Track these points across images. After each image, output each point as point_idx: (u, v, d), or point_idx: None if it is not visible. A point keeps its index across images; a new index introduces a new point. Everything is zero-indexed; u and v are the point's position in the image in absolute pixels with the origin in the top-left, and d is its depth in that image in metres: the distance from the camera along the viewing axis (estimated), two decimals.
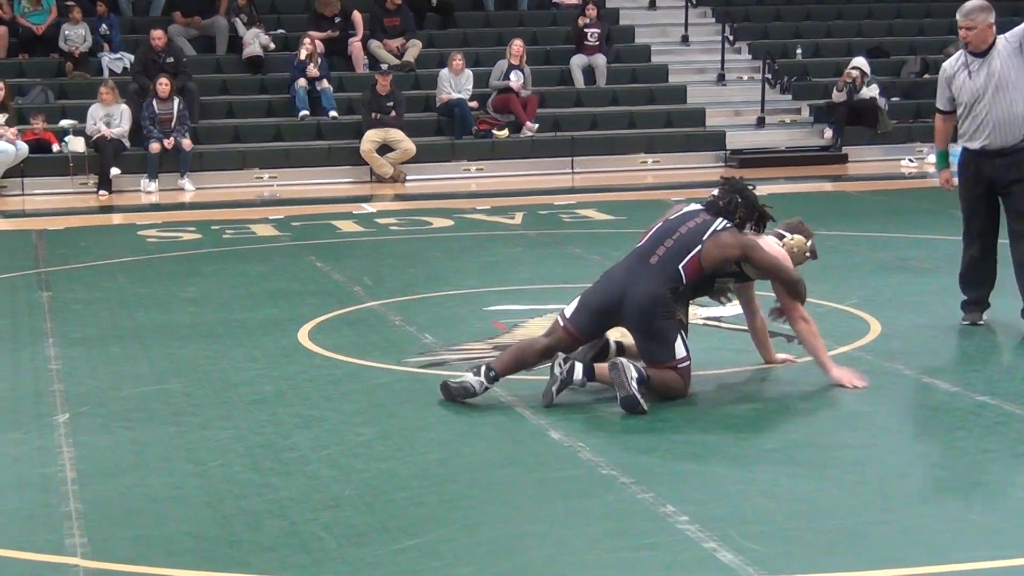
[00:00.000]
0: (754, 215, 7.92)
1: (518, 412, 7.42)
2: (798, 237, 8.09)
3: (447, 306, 10.45)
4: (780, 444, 6.89)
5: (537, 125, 20.49)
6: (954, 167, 9.52)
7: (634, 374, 7.38)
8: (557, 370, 7.49)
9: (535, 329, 9.44)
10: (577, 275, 11.61)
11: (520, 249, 13.29)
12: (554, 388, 7.48)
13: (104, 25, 21.02)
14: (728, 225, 7.79)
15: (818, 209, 16.15)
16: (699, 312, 9.80)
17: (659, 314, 7.60)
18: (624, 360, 7.50)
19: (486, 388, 7.63)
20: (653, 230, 7.87)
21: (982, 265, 9.33)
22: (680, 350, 7.59)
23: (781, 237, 8.09)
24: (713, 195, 8.00)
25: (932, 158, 20.93)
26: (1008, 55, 9.08)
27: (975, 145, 9.30)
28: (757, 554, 5.35)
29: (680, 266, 7.65)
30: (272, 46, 21.39)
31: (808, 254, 8.12)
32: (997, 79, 9.07)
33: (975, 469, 6.46)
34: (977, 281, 9.36)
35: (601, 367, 7.61)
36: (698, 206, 7.99)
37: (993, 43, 9.14)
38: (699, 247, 7.68)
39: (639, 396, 7.32)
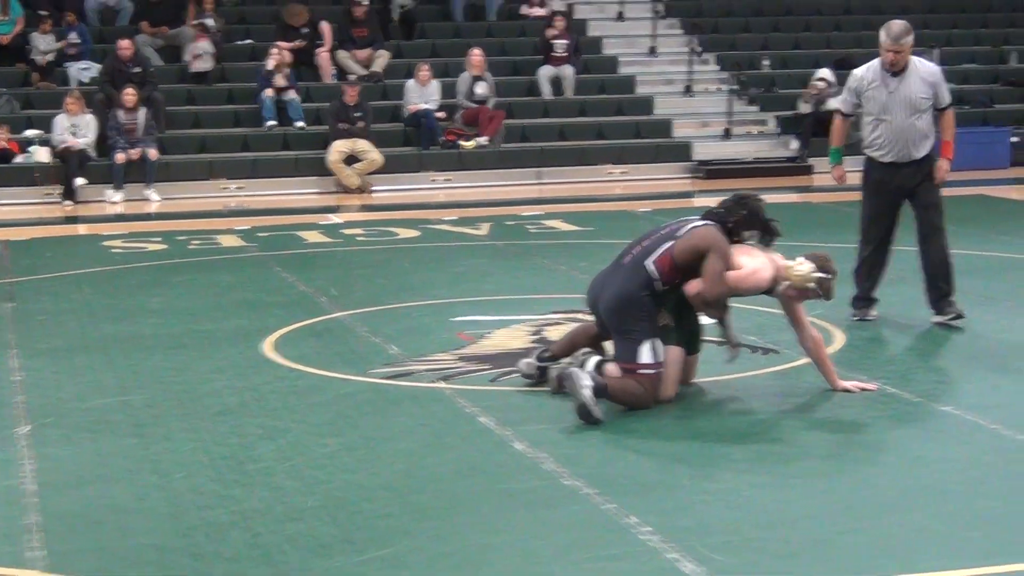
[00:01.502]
0: (755, 225, 7.85)
1: (482, 423, 7.41)
2: (807, 264, 7.75)
3: (413, 317, 10.44)
4: (744, 454, 6.89)
5: (488, 140, 20.43)
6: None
7: (587, 382, 7.36)
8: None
9: (501, 340, 9.44)
10: (544, 286, 11.64)
11: (487, 260, 13.29)
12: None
13: (73, 34, 20.93)
14: (711, 224, 7.75)
15: (784, 220, 16.07)
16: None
17: (629, 315, 7.61)
18: (576, 370, 7.51)
19: (539, 369, 8.05)
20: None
21: (878, 266, 9.89)
22: (645, 356, 7.55)
23: (794, 260, 7.80)
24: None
25: None
26: (921, 80, 9.82)
27: (885, 158, 9.80)
28: (720, 564, 5.35)
29: (650, 261, 7.64)
30: (213, 52, 21.21)
31: (812, 284, 7.75)
32: (912, 99, 9.67)
33: (940, 478, 6.47)
34: (872, 280, 9.90)
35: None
36: (696, 217, 7.94)
37: (907, 63, 9.81)
38: (672, 242, 7.67)
39: (591, 405, 7.30)
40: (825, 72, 21.81)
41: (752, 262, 7.76)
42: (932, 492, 6.27)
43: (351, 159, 19.51)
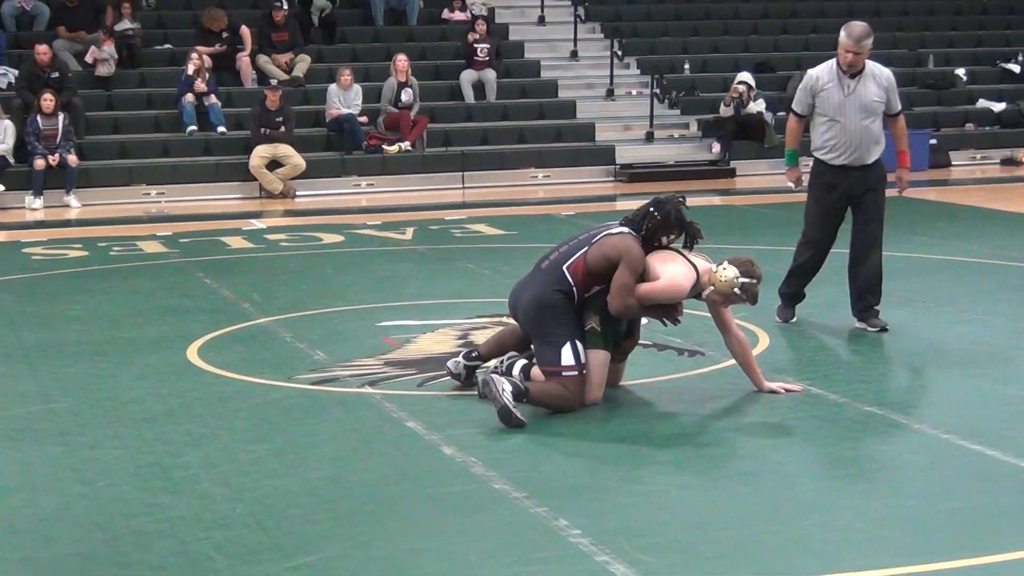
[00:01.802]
0: (671, 229, 7.80)
1: (410, 427, 7.40)
2: (731, 269, 7.72)
3: (338, 322, 10.41)
4: (672, 456, 6.93)
5: (409, 145, 20.40)
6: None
7: (507, 387, 7.38)
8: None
9: (427, 345, 9.44)
10: (468, 290, 11.64)
11: (411, 264, 13.27)
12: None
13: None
14: (626, 231, 7.76)
15: (707, 223, 16.18)
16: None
17: (547, 319, 7.65)
18: (496, 375, 7.53)
19: (466, 368, 8.11)
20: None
21: (813, 268, 9.96)
22: (567, 358, 7.58)
23: (720, 264, 7.79)
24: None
25: None
26: (876, 85, 9.65)
27: (837, 161, 9.78)
28: (650, 566, 5.37)
29: (565, 267, 7.69)
30: (116, 57, 21.07)
31: (737, 290, 7.73)
32: (867, 102, 9.61)
33: (864, 478, 6.54)
34: (802, 281, 10.00)
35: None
36: (616, 223, 7.94)
37: (864, 65, 9.65)
38: (586, 248, 7.71)
39: (512, 408, 7.32)
40: (745, 76, 21.99)
41: (670, 270, 7.72)
42: (855, 492, 6.34)
43: (273, 164, 19.43)
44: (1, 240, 16.21)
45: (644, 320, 8.17)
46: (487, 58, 22.07)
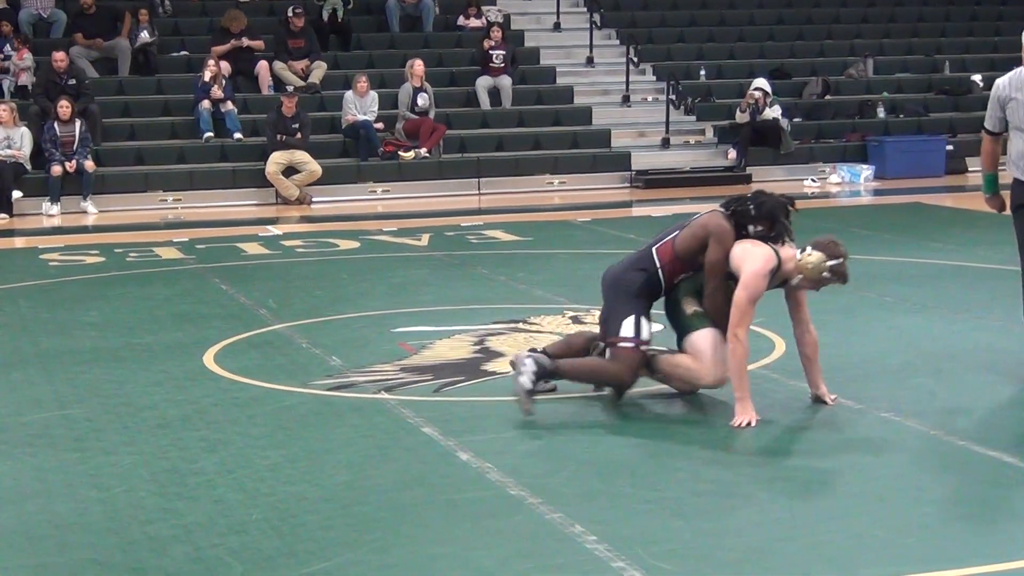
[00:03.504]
0: (757, 220, 7.69)
1: (426, 434, 7.40)
2: (816, 254, 7.63)
3: (354, 328, 10.41)
4: (688, 463, 6.92)
5: (426, 152, 20.42)
6: None
7: (529, 366, 7.55)
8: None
9: (443, 351, 9.44)
10: (484, 296, 11.64)
11: (427, 270, 13.28)
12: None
13: (7, 46, 20.75)
14: (716, 209, 7.74)
15: None
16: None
17: (618, 292, 7.75)
18: (522, 354, 7.69)
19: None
20: None
21: None
22: (626, 329, 7.65)
23: (803, 251, 7.71)
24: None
25: (835, 178, 21.34)
26: None
27: None
28: (665, 573, 5.37)
29: (654, 248, 7.76)
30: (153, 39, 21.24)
31: (827, 273, 7.62)
32: None
33: (879, 485, 6.52)
34: None
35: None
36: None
37: None
38: (677, 232, 7.75)
39: (526, 392, 7.51)
40: (761, 82, 21.97)
41: (751, 254, 7.61)
42: (871, 499, 6.32)
43: (289, 170, 19.45)
44: (18, 246, 16.26)
45: None
46: (503, 64, 22.07)
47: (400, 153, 20.38)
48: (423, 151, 20.40)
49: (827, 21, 26.21)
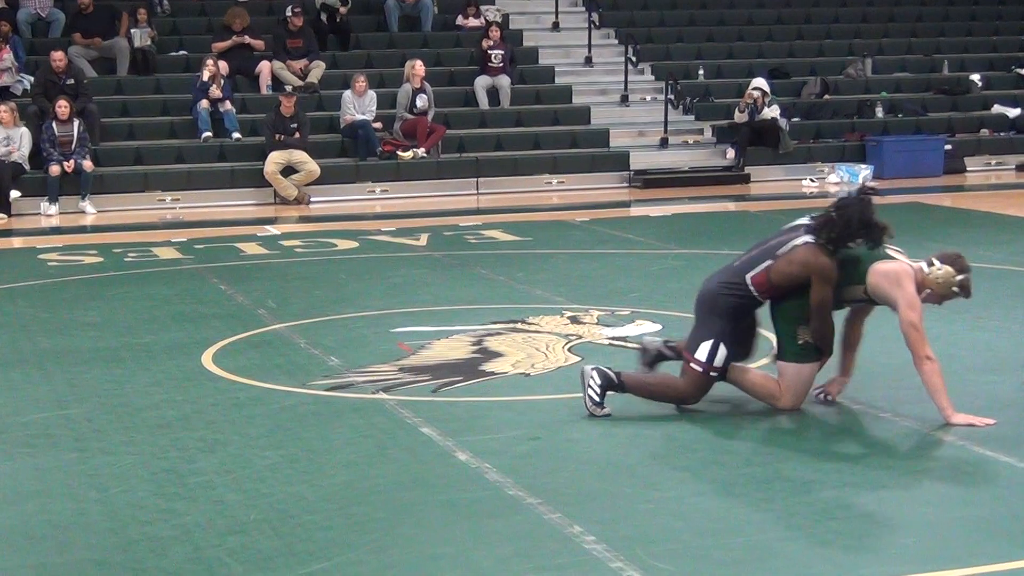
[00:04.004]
0: (852, 235, 7.53)
1: (425, 434, 7.40)
2: (945, 268, 7.57)
3: (352, 328, 10.41)
4: (687, 463, 6.92)
5: (424, 152, 20.42)
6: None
7: (596, 379, 7.59)
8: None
9: (441, 351, 9.44)
10: (483, 296, 11.64)
11: (425, 270, 13.28)
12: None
13: (7, 46, 20.73)
14: (811, 241, 7.58)
15: (721, 228, 16.31)
16: (603, 332, 9.86)
17: (706, 311, 7.71)
18: (589, 367, 7.70)
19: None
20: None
21: None
22: (701, 352, 7.61)
23: (931, 265, 7.64)
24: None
25: (833, 177, 21.34)
26: None
27: None
28: (664, 573, 5.37)
29: (748, 276, 7.66)
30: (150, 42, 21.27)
31: (955, 288, 7.57)
32: None
33: (878, 485, 6.52)
34: None
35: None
36: (804, 220, 7.80)
37: None
38: (771, 261, 7.64)
39: (594, 403, 7.57)
40: (760, 82, 21.97)
41: (902, 286, 7.50)
42: (870, 498, 6.32)
43: (288, 170, 19.45)
44: (17, 246, 16.26)
45: None
46: (501, 64, 22.07)
47: (399, 153, 20.38)
48: (421, 151, 20.40)
49: (826, 21, 26.22)
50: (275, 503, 6.29)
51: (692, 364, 7.65)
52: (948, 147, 22.43)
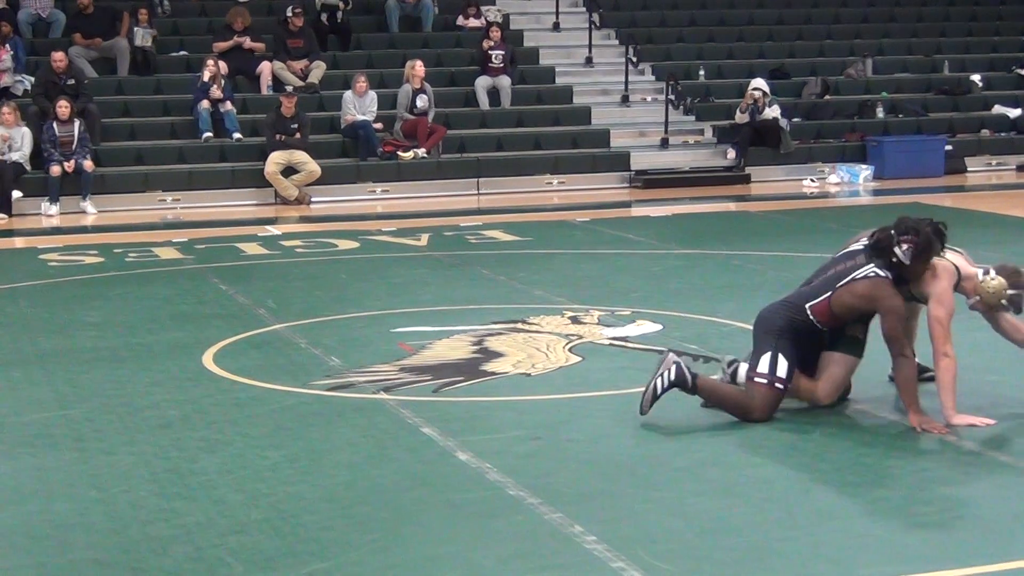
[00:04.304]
0: (921, 258, 7.52)
1: (425, 434, 7.41)
2: (998, 279, 7.58)
3: (353, 328, 10.42)
4: (687, 463, 6.92)
5: (425, 152, 20.41)
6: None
7: (671, 372, 7.56)
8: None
9: (442, 351, 9.44)
10: (483, 296, 11.65)
11: (426, 270, 13.28)
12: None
13: (7, 46, 20.74)
14: (872, 274, 7.51)
15: (722, 229, 16.30)
16: (604, 332, 9.86)
17: (763, 330, 7.70)
18: (674, 356, 7.71)
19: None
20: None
21: None
22: (763, 365, 7.57)
23: (987, 273, 7.65)
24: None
25: (834, 178, 21.33)
26: None
27: None
28: (665, 572, 5.37)
29: (808, 307, 7.65)
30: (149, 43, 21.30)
31: (1004, 301, 7.58)
32: None
33: (878, 485, 6.53)
34: None
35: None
36: (860, 245, 7.77)
37: None
38: (831, 292, 7.60)
39: (653, 389, 7.54)
40: (760, 82, 21.97)
41: (937, 280, 7.54)
42: (870, 498, 6.33)
43: (289, 170, 19.45)
44: (18, 246, 16.26)
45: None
46: (502, 64, 22.07)
47: (399, 153, 20.38)
48: (422, 151, 20.40)
49: (826, 21, 26.22)
50: (276, 503, 6.30)
51: (756, 379, 7.58)
52: (949, 147, 22.43)
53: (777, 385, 7.55)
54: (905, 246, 7.50)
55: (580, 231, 16.17)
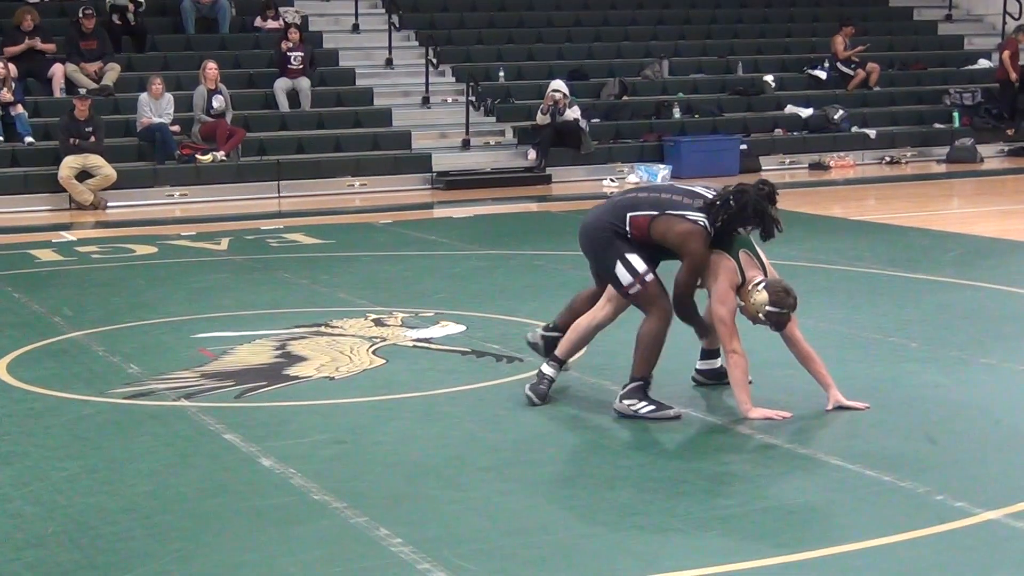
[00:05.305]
0: (744, 221, 7.62)
1: (228, 440, 7.32)
2: (763, 294, 7.63)
3: (152, 335, 10.24)
4: (492, 462, 6.95)
5: (224, 155, 20.18)
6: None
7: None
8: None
9: (244, 356, 9.34)
10: (285, 300, 11.55)
11: (227, 275, 13.12)
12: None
13: None
14: (699, 223, 7.57)
15: (524, 229, 16.42)
16: (408, 334, 9.85)
17: (596, 246, 7.80)
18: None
19: (543, 339, 8.23)
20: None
21: None
22: (624, 276, 7.63)
23: (756, 284, 7.69)
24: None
25: (632, 177, 21.62)
26: None
27: None
28: (471, 573, 5.39)
29: (629, 214, 7.73)
30: None
31: (762, 316, 7.64)
32: None
33: (679, 480, 6.63)
34: None
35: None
36: (707, 193, 7.75)
37: None
38: (658, 213, 7.64)
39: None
40: (559, 84, 22.16)
41: (720, 278, 7.65)
42: (670, 492, 6.42)
43: (83, 175, 19.06)
44: None
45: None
46: (301, 66, 21.93)
47: (197, 156, 20.11)
48: (221, 154, 20.16)
49: (624, 23, 26.57)
50: (75, 515, 6.16)
51: (631, 291, 7.65)
52: (744, 147, 22.91)
53: (648, 278, 7.64)
54: (732, 200, 7.61)
55: (382, 233, 16.13)
